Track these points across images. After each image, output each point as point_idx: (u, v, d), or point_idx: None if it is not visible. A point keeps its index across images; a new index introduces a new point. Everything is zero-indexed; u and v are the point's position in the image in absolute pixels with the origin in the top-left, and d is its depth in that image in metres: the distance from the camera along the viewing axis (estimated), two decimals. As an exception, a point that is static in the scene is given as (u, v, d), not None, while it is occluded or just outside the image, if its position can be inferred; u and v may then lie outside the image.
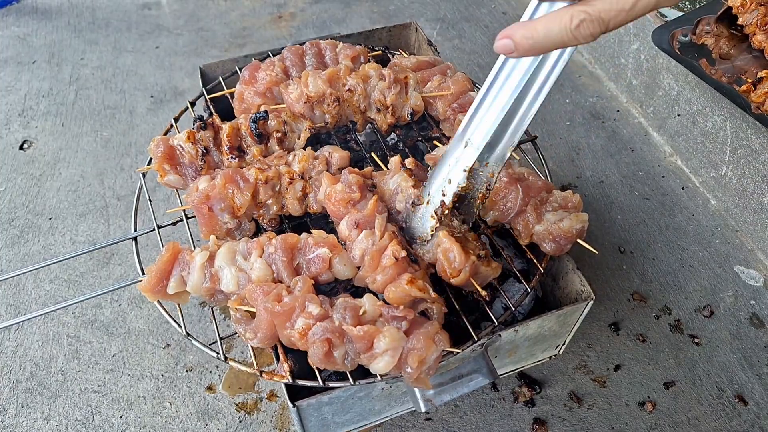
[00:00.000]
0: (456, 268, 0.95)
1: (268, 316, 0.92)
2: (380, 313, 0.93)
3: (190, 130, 1.15)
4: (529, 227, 1.06)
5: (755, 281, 1.65)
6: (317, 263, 0.99)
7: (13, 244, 1.75)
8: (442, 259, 0.97)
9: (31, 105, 2.21)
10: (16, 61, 2.41)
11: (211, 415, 1.38)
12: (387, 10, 2.66)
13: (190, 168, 1.17)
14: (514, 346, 1.18)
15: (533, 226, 1.05)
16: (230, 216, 1.08)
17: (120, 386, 1.44)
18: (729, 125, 1.69)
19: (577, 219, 1.04)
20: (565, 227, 1.02)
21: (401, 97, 1.27)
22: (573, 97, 2.20)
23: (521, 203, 1.05)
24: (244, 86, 1.29)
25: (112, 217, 1.82)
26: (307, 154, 1.13)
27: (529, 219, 1.05)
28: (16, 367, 1.47)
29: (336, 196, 1.05)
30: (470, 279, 0.97)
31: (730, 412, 1.39)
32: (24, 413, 1.39)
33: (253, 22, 2.61)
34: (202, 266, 0.99)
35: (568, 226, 1.02)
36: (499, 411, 1.38)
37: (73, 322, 1.56)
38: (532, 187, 1.08)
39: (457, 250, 0.94)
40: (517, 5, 2.65)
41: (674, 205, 1.84)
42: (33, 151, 2.04)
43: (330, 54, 1.35)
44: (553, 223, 1.03)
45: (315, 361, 0.90)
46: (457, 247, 0.94)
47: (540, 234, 1.05)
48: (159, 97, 2.25)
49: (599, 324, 1.55)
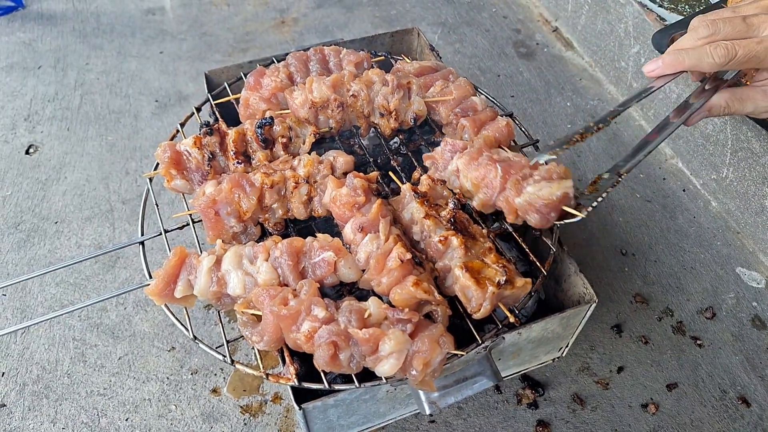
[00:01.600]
0: (475, 307, 0.95)
1: (275, 319, 0.93)
2: (385, 315, 0.94)
3: (197, 136, 1.17)
4: (511, 202, 1.03)
5: (757, 283, 1.65)
6: (322, 267, 1.00)
7: (20, 247, 1.77)
8: (461, 297, 0.97)
9: (37, 110, 2.23)
10: (21, 66, 2.43)
11: (216, 418, 1.39)
12: (388, 14, 2.68)
13: (196, 173, 1.18)
14: (517, 349, 1.19)
15: (513, 200, 1.02)
16: (236, 220, 1.09)
17: (125, 389, 1.45)
18: (729, 128, 1.70)
19: (558, 186, 0.99)
20: (544, 194, 0.98)
21: (404, 102, 1.28)
22: (574, 100, 2.22)
23: (501, 181, 1.03)
24: (249, 92, 1.31)
25: (118, 221, 1.84)
26: (312, 158, 1.14)
27: (509, 195, 1.03)
28: (22, 370, 1.49)
29: (341, 200, 1.06)
30: (498, 306, 0.97)
31: (733, 413, 1.40)
32: (30, 416, 1.40)
33: (256, 27, 2.63)
34: (209, 270, 1.00)
35: (547, 194, 0.98)
36: (502, 413, 1.39)
37: (79, 326, 1.58)
38: (514, 165, 1.06)
39: (474, 287, 0.93)
40: (517, 10, 2.67)
41: (675, 207, 1.85)
42: (39, 156, 2.05)
43: (334, 60, 1.36)
44: (533, 193, 1.00)
45: (321, 363, 0.91)
46: (473, 284, 0.93)
47: (522, 207, 1.02)
48: (163, 101, 2.26)
49: (602, 326, 1.56)
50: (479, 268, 0.97)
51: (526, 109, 2.19)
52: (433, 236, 1.02)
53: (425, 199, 1.07)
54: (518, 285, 0.97)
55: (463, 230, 1.04)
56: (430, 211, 1.05)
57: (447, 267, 1.00)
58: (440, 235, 1.01)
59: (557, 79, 2.30)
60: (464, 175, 1.09)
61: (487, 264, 0.98)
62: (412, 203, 1.07)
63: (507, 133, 1.22)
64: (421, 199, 1.07)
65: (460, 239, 0.99)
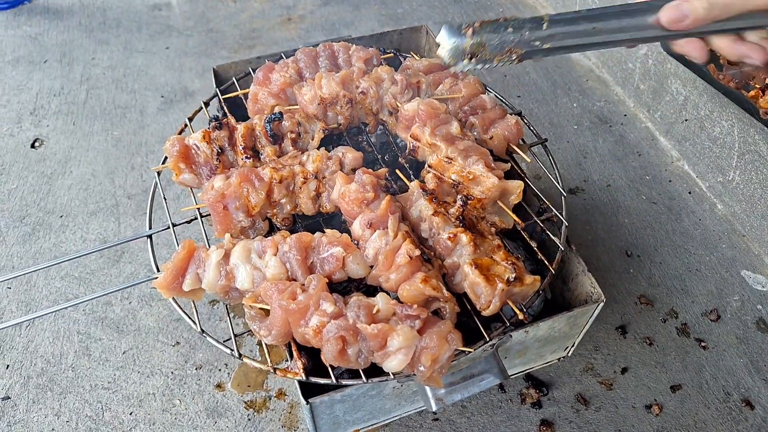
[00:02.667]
0: (484, 304, 0.95)
1: (283, 313, 0.93)
2: (394, 311, 0.94)
3: (206, 130, 1.17)
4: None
5: (762, 286, 1.65)
6: (331, 262, 1.00)
7: (25, 241, 1.77)
8: (470, 293, 0.98)
9: (43, 104, 2.23)
10: (27, 60, 2.43)
11: (220, 413, 1.39)
12: (395, 13, 2.68)
13: (204, 167, 1.18)
14: (524, 347, 1.19)
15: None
16: (245, 214, 1.09)
17: (130, 383, 1.45)
18: (737, 130, 1.70)
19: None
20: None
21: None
22: (580, 101, 2.21)
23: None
24: (258, 87, 1.31)
25: (123, 216, 1.84)
26: (321, 154, 1.14)
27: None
28: (27, 363, 1.49)
29: (350, 196, 1.06)
30: (507, 303, 0.98)
31: (736, 416, 1.40)
32: (35, 409, 1.40)
33: (263, 23, 2.63)
34: (218, 264, 1.00)
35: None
36: (506, 412, 1.39)
37: (83, 319, 1.58)
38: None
39: (484, 284, 0.94)
40: (524, 10, 2.67)
41: (681, 210, 1.85)
42: (44, 150, 2.06)
43: (343, 56, 1.36)
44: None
45: (329, 358, 0.91)
46: (482, 280, 0.94)
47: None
48: (169, 97, 2.26)
49: (606, 327, 1.56)
50: (488, 265, 0.97)
51: (533, 110, 2.19)
52: (441, 233, 1.02)
53: (433, 196, 1.07)
54: (527, 282, 0.97)
55: (471, 227, 1.04)
56: (439, 208, 1.05)
57: (456, 264, 1.00)
58: (449, 232, 1.01)
59: (564, 80, 2.30)
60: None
61: (497, 261, 0.98)
62: (421, 200, 1.07)
63: (516, 132, 1.22)
64: (430, 196, 1.07)
65: (469, 236, 0.99)
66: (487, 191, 1.05)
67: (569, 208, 1.36)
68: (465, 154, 1.09)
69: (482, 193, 1.06)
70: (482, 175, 1.06)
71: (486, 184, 1.05)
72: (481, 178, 1.06)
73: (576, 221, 1.80)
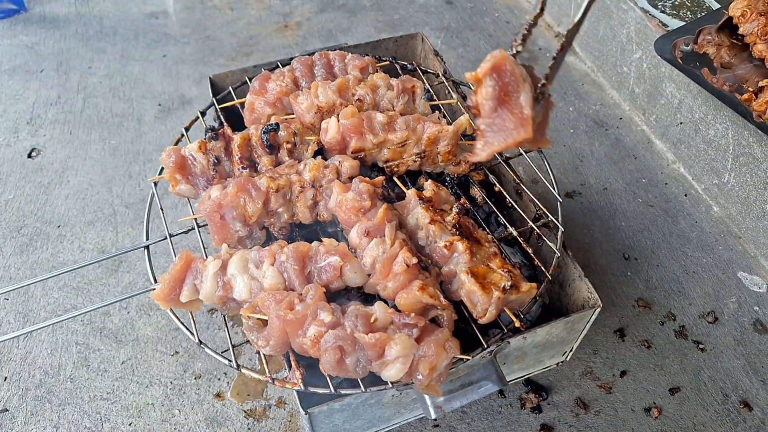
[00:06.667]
0: (480, 312, 0.96)
1: (281, 323, 0.93)
2: (391, 320, 0.94)
3: (202, 140, 1.17)
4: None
5: (758, 287, 1.66)
6: (328, 271, 1.00)
7: (22, 251, 1.77)
8: (466, 302, 0.98)
9: (39, 113, 2.23)
10: (24, 69, 2.43)
11: (219, 422, 1.39)
12: (392, 19, 2.69)
13: (201, 178, 1.18)
14: (522, 353, 1.19)
15: None
16: (242, 224, 1.10)
17: (129, 393, 1.45)
18: (731, 133, 1.71)
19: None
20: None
21: (409, 107, 1.29)
22: (576, 105, 2.23)
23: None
24: (254, 96, 1.31)
25: (120, 225, 1.84)
26: (317, 162, 1.15)
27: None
28: (25, 375, 1.48)
29: (347, 204, 1.06)
30: (504, 311, 0.98)
31: (735, 417, 1.40)
32: (33, 421, 1.40)
33: (260, 31, 2.64)
34: (215, 275, 1.00)
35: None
36: (506, 417, 1.39)
37: (82, 330, 1.57)
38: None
39: (480, 292, 0.94)
40: (519, 15, 2.68)
41: (677, 212, 1.85)
42: (41, 159, 2.06)
43: (339, 64, 1.37)
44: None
45: (327, 368, 0.91)
46: (478, 289, 0.94)
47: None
48: (166, 105, 2.27)
49: (605, 330, 1.56)
50: (484, 273, 0.97)
51: (528, 114, 2.19)
52: (438, 241, 1.02)
53: (430, 204, 1.08)
54: (523, 290, 0.97)
55: (468, 235, 1.05)
56: (435, 216, 1.05)
57: (452, 272, 1.00)
58: (445, 240, 1.01)
59: (560, 84, 2.31)
60: None
61: (493, 269, 0.98)
62: (417, 208, 1.07)
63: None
64: (426, 204, 1.07)
65: (465, 244, 1.00)
66: (450, 141, 1.17)
67: (566, 212, 1.36)
68: (407, 125, 1.18)
69: (447, 145, 1.18)
70: (439, 131, 1.17)
71: (447, 136, 1.17)
72: (439, 134, 1.17)
73: (573, 225, 1.81)
